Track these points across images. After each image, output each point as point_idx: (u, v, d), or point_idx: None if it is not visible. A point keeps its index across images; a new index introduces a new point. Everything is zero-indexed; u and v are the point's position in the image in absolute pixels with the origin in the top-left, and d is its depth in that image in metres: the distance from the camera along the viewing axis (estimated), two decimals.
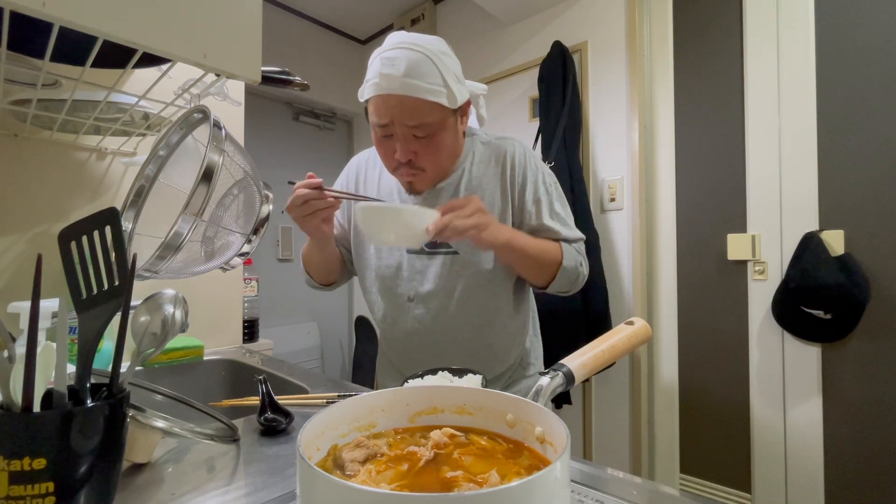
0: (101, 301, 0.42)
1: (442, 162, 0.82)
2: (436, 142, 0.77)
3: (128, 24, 0.49)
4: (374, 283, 0.92)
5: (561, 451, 0.33)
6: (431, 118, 0.75)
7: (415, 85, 0.72)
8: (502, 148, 0.87)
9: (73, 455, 0.37)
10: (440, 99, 0.74)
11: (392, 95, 0.73)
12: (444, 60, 0.75)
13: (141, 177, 0.79)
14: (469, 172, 0.87)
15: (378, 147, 0.83)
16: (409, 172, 0.80)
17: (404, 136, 0.76)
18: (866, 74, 1.33)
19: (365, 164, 0.97)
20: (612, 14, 1.79)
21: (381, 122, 0.76)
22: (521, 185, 0.85)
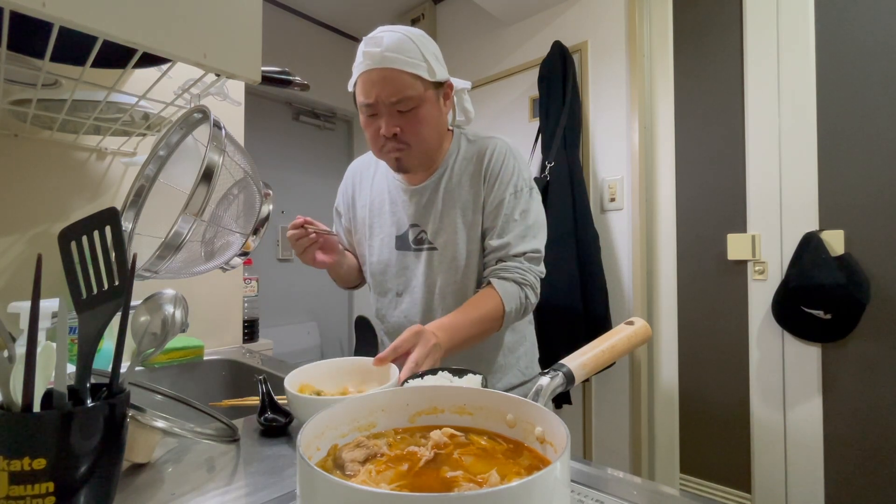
0: (101, 301, 0.42)
1: (426, 137, 0.83)
2: (419, 116, 0.81)
3: (128, 24, 0.49)
4: (369, 279, 0.99)
5: (561, 451, 0.33)
6: (413, 91, 0.78)
7: (394, 58, 0.77)
8: (484, 146, 0.89)
9: (73, 455, 0.37)
10: (419, 71, 0.78)
11: (374, 70, 0.77)
12: (422, 40, 0.81)
13: (141, 177, 0.79)
14: (451, 170, 0.89)
15: (366, 129, 0.85)
16: (394, 148, 0.82)
17: (388, 111, 0.80)
18: (866, 74, 1.33)
19: (360, 168, 1.02)
20: (612, 14, 1.79)
21: (366, 101, 0.79)
22: (491, 184, 0.86)
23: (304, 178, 2.87)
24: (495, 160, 0.87)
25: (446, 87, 0.86)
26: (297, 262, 2.83)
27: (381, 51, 0.77)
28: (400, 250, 0.92)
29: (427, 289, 0.89)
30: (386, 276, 0.93)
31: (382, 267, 0.94)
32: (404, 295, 0.91)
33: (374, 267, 0.95)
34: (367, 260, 0.97)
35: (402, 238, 0.92)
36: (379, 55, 0.77)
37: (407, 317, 0.91)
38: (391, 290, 0.93)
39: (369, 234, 0.96)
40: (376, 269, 0.95)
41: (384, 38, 0.77)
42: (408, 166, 0.86)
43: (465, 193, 0.88)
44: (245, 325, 1.80)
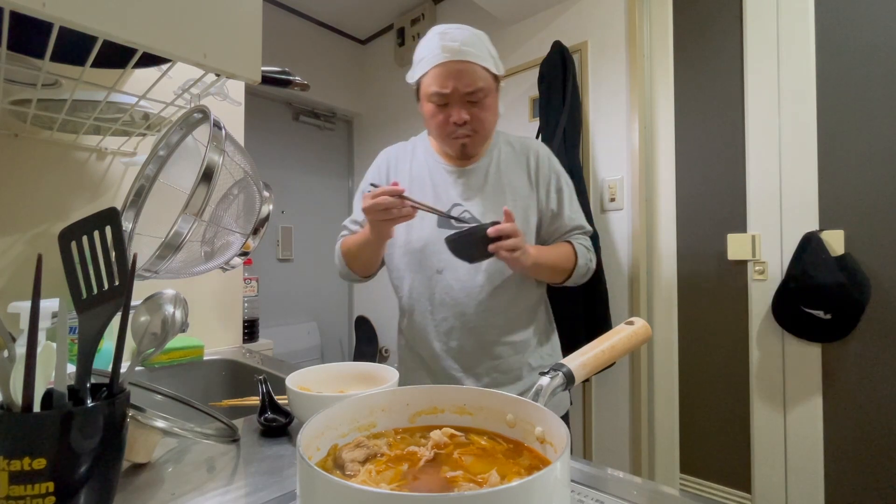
0: (101, 301, 0.42)
1: (489, 126, 0.95)
2: (485, 105, 0.91)
3: (128, 24, 0.49)
4: (402, 259, 0.99)
5: (561, 451, 0.33)
6: (484, 83, 0.89)
7: (470, 52, 0.87)
8: (526, 146, 1.01)
9: (73, 455, 0.37)
10: (488, 65, 0.89)
11: (451, 62, 0.86)
12: (485, 37, 0.93)
13: (141, 177, 0.79)
14: (497, 159, 0.99)
15: (434, 119, 0.93)
16: (464, 134, 0.92)
17: (460, 101, 0.89)
18: (866, 74, 1.33)
19: (395, 156, 1.06)
20: (612, 14, 1.79)
21: (441, 90, 0.88)
22: (547, 177, 0.98)
23: (304, 178, 2.87)
24: (543, 156, 1.00)
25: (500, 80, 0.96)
26: (298, 262, 2.84)
27: (458, 45, 0.85)
28: (442, 228, 0.95)
29: (472, 266, 0.92)
30: (425, 254, 0.95)
31: (422, 244, 0.95)
32: (445, 272, 0.94)
33: (412, 244, 0.97)
34: (401, 239, 0.98)
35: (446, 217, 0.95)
36: (457, 49, 0.85)
37: (449, 293, 0.94)
38: (431, 266, 0.95)
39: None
40: (415, 246, 0.96)
41: (459, 34, 0.87)
42: (472, 151, 0.96)
43: (513, 181, 0.97)
44: (245, 325, 1.80)
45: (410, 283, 0.98)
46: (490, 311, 0.93)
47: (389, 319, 2.77)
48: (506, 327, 0.95)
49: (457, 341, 0.94)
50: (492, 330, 0.94)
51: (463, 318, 0.93)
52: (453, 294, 0.94)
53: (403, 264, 0.99)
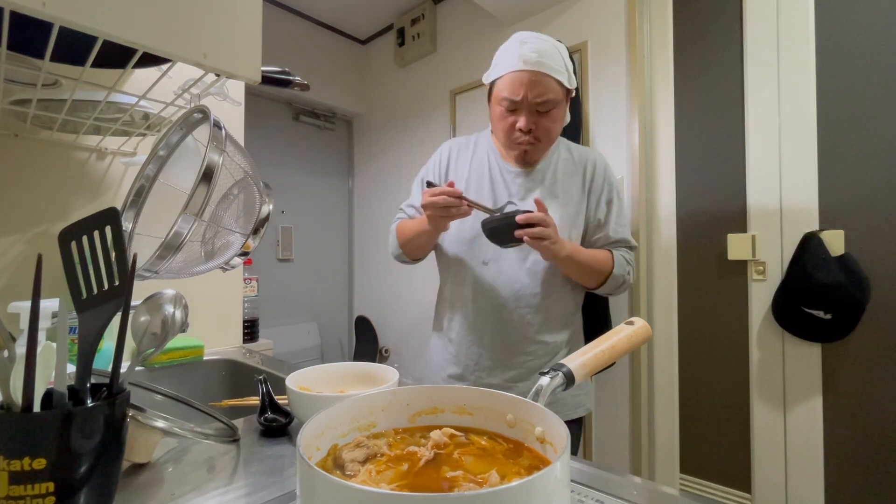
0: (101, 301, 0.42)
1: (553, 136, 0.98)
2: (552, 116, 0.95)
3: (128, 24, 0.49)
4: (451, 246, 1.04)
5: (561, 451, 0.33)
6: (555, 95, 0.92)
7: (546, 64, 0.90)
8: (587, 156, 1.05)
9: (73, 455, 0.37)
10: (561, 78, 0.92)
11: (527, 71, 0.90)
12: (564, 50, 0.95)
13: (141, 177, 0.79)
14: (556, 166, 1.02)
15: (501, 122, 0.97)
16: (527, 141, 0.95)
17: (529, 109, 0.93)
18: (866, 74, 1.33)
19: (458, 148, 1.10)
20: (612, 14, 1.79)
21: (512, 97, 0.92)
22: (600, 188, 1.01)
23: (304, 178, 2.87)
24: (600, 167, 1.03)
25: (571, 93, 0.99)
26: (298, 262, 2.84)
27: (537, 56, 0.89)
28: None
29: (518, 262, 0.97)
30: (474, 245, 0.99)
31: (472, 235, 0.99)
32: (491, 264, 0.98)
33: (463, 234, 1.01)
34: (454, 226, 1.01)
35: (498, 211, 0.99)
36: (535, 59, 0.89)
37: (491, 285, 0.97)
38: (479, 257, 0.99)
39: None
40: (466, 236, 1.00)
41: (539, 44, 0.91)
42: (532, 159, 1.01)
43: (567, 188, 1.00)
44: (245, 325, 1.80)
45: (456, 271, 1.03)
46: (528, 307, 0.96)
47: (389, 319, 2.77)
48: (541, 327, 0.97)
49: (490, 333, 0.97)
50: (527, 327, 0.96)
51: (501, 311, 0.97)
52: (495, 286, 0.97)
53: (452, 252, 1.03)
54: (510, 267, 0.97)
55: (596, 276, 0.97)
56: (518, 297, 0.96)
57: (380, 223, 2.85)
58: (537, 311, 0.97)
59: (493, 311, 0.97)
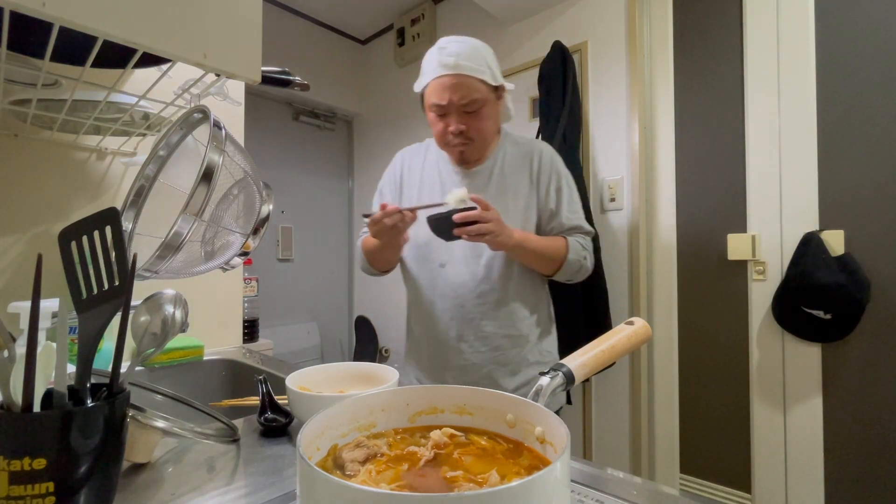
0: (101, 301, 0.42)
1: (486, 134, 0.99)
2: (482, 115, 0.96)
3: (128, 24, 0.49)
4: (409, 253, 1.06)
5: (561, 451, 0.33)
6: (479, 94, 0.94)
7: (465, 66, 0.92)
8: (531, 147, 1.05)
9: (73, 455, 0.37)
10: (484, 77, 0.94)
11: (448, 76, 0.92)
12: (486, 49, 0.97)
13: (141, 177, 0.79)
14: (502, 161, 1.04)
15: (434, 126, 1.00)
16: (460, 142, 0.97)
17: (457, 111, 0.95)
18: (866, 74, 1.33)
19: (410, 156, 1.13)
20: (612, 14, 1.79)
21: (439, 102, 0.94)
22: (548, 178, 1.02)
23: (304, 178, 2.87)
24: (546, 157, 1.04)
25: (501, 89, 1.01)
26: (298, 262, 2.84)
27: (454, 59, 0.91)
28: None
29: (473, 261, 0.99)
30: (429, 249, 1.01)
31: (427, 239, 1.00)
32: (448, 266, 1.00)
33: (418, 239, 1.03)
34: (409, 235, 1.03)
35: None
36: (454, 63, 0.91)
37: (450, 286, 0.99)
38: (435, 260, 1.01)
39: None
40: (420, 241, 1.02)
41: (456, 48, 0.93)
42: (469, 158, 1.02)
43: (515, 182, 1.01)
44: (245, 325, 1.80)
45: (416, 276, 1.05)
46: (489, 304, 0.98)
47: (389, 319, 2.77)
48: (504, 321, 0.98)
49: (457, 332, 0.99)
50: (491, 322, 0.98)
51: (463, 309, 0.98)
52: (454, 287, 0.99)
53: (410, 258, 1.06)
54: (466, 267, 0.99)
55: (550, 262, 0.98)
56: (477, 295, 0.98)
57: None
58: (498, 307, 0.98)
59: (456, 311, 0.99)
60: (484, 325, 0.98)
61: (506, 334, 0.98)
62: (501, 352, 0.98)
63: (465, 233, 0.86)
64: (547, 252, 0.97)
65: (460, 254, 0.99)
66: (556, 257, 0.97)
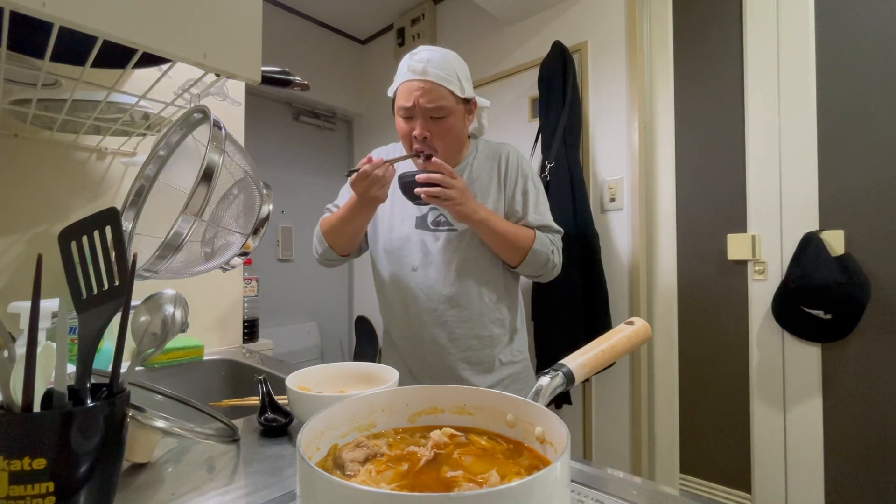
0: (101, 301, 0.42)
1: (450, 145, 0.99)
2: (447, 125, 0.96)
3: (128, 24, 0.49)
4: (382, 256, 1.06)
5: (561, 451, 0.33)
6: (446, 102, 0.94)
7: (434, 73, 0.93)
8: (499, 150, 1.07)
9: (73, 455, 0.37)
10: (452, 87, 0.94)
11: (416, 80, 0.93)
12: (458, 62, 0.98)
13: (141, 177, 0.79)
14: (471, 166, 1.05)
15: (400, 130, 1.00)
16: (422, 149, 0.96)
17: (423, 116, 0.94)
18: (866, 74, 1.33)
19: (385, 153, 1.11)
20: (612, 14, 1.79)
21: (405, 104, 0.94)
22: (514, 180, 1.03)
23: (304, 178, 2.87)
24: (512, 160, 1.05)
25: (471, 104, 1.03)
26: (298, 262, 2.84)
27: (424, 65, 0.93)
28: (419, 229, 1.02)
29: (445, 265, 0.99)
30: (403, 252, 1.02)
31: (401, 242, 1.02)
32: (419, 269, 1.01)
33: (392, 242, 1.03)
34: (382, 236, 1.06)
35: (422, 219, 1.03)
36: (422, 68, 0.93)
37: (422, 289, 1.00)
38: (407, 264, 1.02)
39: (390, 212, 1.05)
40: (396, 243, 1.03)
41: (427, 55, 0.94)
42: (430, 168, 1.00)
43: (484, 186, 1.03)
44: (245, 325, 1.80)
45: (389, 279, 1.05)
46: (459, 306, 0.99)
47: None
48: (475, 322, 1.00)
49: (430, 333, 1.00)
50: (461, 324, 0.99)
51: (434, 313, 1.00)
52: (425, 290, 1.00)
53: (384, 261, 1.06)
54: (438, 270, 1.00)
55: (516, 248, 0.98)
56: (448, 297, 0.99)
57: None
58: (468, 308, 0.99)
59: (428, 314, 1.00)
60: (455, 327, 0.99)
61: (476, 335, 1.00)
62: (473, 352, 1.00)
63: (425, 192, 0.87)
64: (512, 237, 0.97)
65: (432, 257, 1.00)
66: (521, 245, 0.98)
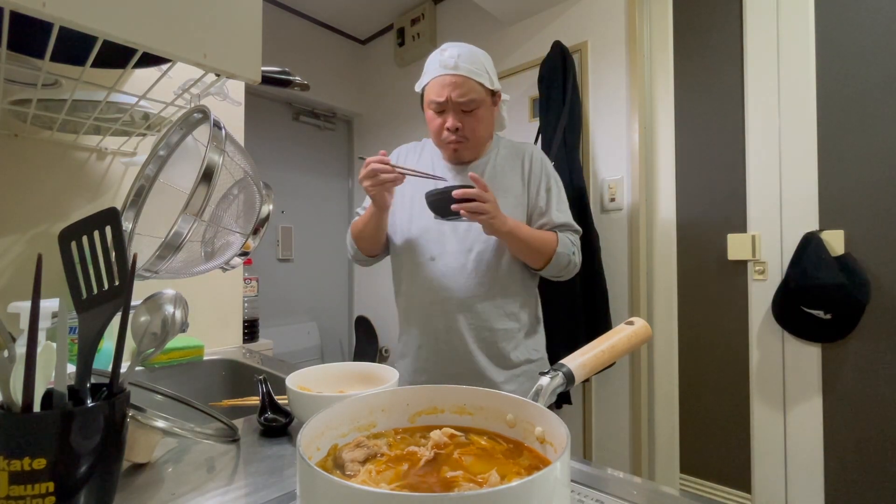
0: (101, 301, 0.42)
1: (480, 134, 1.03)
2: (478, 117, 1.01)
3: (128, 24, 0.49)
4: (401, 246, 1.08)
5: (561, 451, 0.33)
6: (476, 94, 0.98)
7: (465, 67, 0.97)
8: (523, 149, 1.10)
9: (73, 455, 0.37)
10: (482, 80, 0.99)
11: (448, 75, 0.97)
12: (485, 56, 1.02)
13: (141, 177, 0.79)
14: (494, 161, 1.08)
15: (432, 123, 1.04)
16: (455, 140, 1.01)
17: (455, 109, 0.99)
18: (866, 74, 1.33)
19: (406, 152, 1.17)
20: (612, 14, 1.79)
21: (437, 99, 0.99)
22: (539, 178, 1.06)
23: (304, 178, 2.87)
24: (536, 158, 1.08)
25: (497, 96, 1.06)
26: (298, 262, 2.84)
27: (455, 60, 0.97)
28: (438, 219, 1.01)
29: (463, 255, 1.01)
30: (421, 241, 1.04)
31: (420, 232, 1.04)
32: (437, 259, 1.02)
33: (412, 232, 1.05)
34: (402, 227, 1.07)
35: None
36: (454, 63, 0.97)
37: (439, 279, 1.01)
38: (425, 254, 1.03)
39: (410, 204, 1.07)
40: (415, 234, 1.05)
41: (457, 51, 0.98)
42: (462, 156, 1.06)
43: (507, 182, 1.05)
44: (245, 325, 1.80)
45: (407, 269, 1.06)
46: (476, 297, 1.00)
47: (389, 319, 2.77)
48: (491, 315, 1.01)
49: (445, 325, 1.01)
50: (478, 316, 1.00)
51: (451, 302, 1.00)
52: (443, 280, 1.01)
53: (402, 251, 1.07)
54: (456, 260, 1.01)
55: (540, 254, 0.99)
56: (466, 289, 1.00)
57: None
58: (486, 300, 1.00)
59: (445, 304, 1.01)
60: (471, 318, 1.00)
61: (492, 328, 1.00)
62: (488, 345, 1.00)
63: (464, 208, 0.87)
64: (537, 243, 0.99)
65: (451, 248, 1.01)
66: (545, 250, 0.99)
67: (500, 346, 1.01)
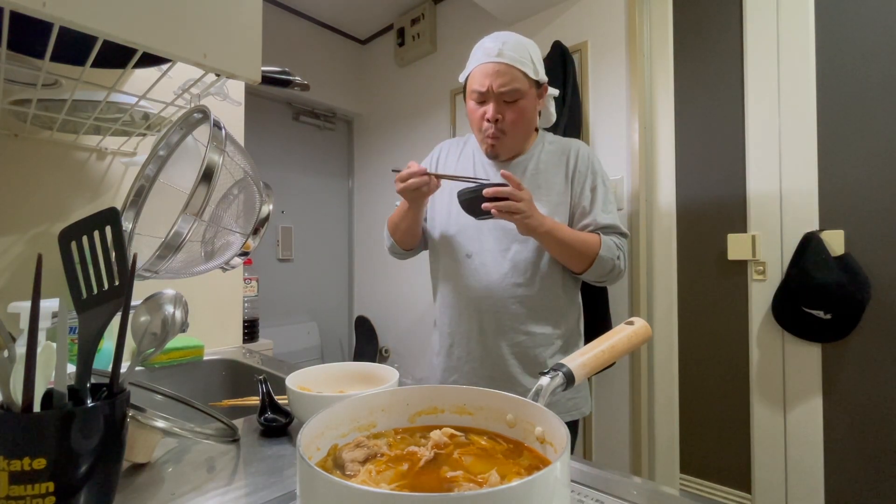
0: (101, 301, 0.42)
1: (520, 128, 0.99)
2: (519, 108, 0.96)
3: (128, 24, 0.49)
4: (439, 240, 1.06)
5: (561, 451, 0.33)
6: (519, 84, 0.94)
7: (509, 55, 0.93)
8: (569, 145, 1.05)
9: (73, 455, 0.37)
10: (526, 69, 0.94)
11: (490, 63, 0.93)
12: (531, 44, 0.98)
13: (141, 177, 0.79)
14: (538, 158, 1.04)
15: (472, 114, 1.00)
16: (493, 133, 0.97)
17: (496, 99, 0.95)
18: (866, 74, 1.33)
19: (448, 147, 1.15)
20: (612, 14, 1.79)
21: (479, 88, 0.95)
22: (584, 175, 1.01)
23: (304, 178, 2.87)
24: (583, 155, 1.03)
25: (543, 88, 1.01)
26: (298, 262, 2.84)
27: (499, 48, 0.93)
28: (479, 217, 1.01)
29: (500, 254, 0.98)
30: (459, 238, 1.02)
31: (459, 228, 1.02)
32: (474, 256, 0.99)
33: (450, 228, 1.03)
34: (441, 223, 1.05)
35: None
36: (497, 50, 0.93)
37: (475, 276, 0.99)
38: (462, 250, 1.01)
39: (449, 200, 1.04)
40: (453, 230, 1.03)
41: (502, 38, 0.94)
42: (499, 152, 1.01)
43: (550, 179, 1.01)
44: (245, 325, 1.80)
45: (444, 265, 1.05)
46: (512, 298, 0.97)
47: (389, 319, 2.77)
48: (526, 317, 0.97)
49: (479, 324, 0.98)
50: (512, 317, 0.97)
51: (486, 301, 0.98)
52: (479, 278, 0.98)
53: (440, 247, 1.06)
54: (492, 258, 0.98)
55: (581, 257, 0.94)
56: (502, 289, 0.97)
57: (380, 223, 2.84)
58: (522, 302, 0.97)
59: (479, 303, 0.98)
60: (506, 319, 0.96)
61: (527, 331, 0.96)
62: (522, 349, 0.96)
63: (496, 208, 0.83)
64: (578, 245, 0.93)
65: (488, 245, 0.98)
66: (587, 253, 0.94)
67: (535, 352, 0.96)
